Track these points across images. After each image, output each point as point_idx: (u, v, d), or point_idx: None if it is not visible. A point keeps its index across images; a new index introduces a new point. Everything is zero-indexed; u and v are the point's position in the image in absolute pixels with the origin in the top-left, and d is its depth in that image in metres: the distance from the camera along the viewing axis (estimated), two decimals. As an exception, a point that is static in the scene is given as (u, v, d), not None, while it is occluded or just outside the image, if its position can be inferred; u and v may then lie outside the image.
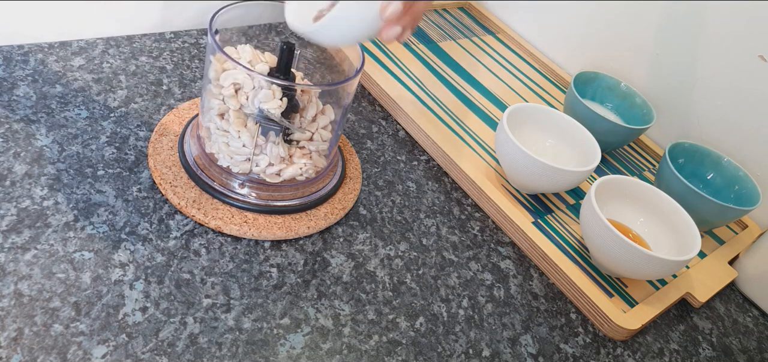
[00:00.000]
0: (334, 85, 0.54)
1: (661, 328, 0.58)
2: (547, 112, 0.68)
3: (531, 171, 0.60)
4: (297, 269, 0.50)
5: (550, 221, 0.63)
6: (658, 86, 0.81)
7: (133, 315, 0.42)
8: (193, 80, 0.64)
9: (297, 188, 0.53)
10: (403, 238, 0.56)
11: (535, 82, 0.88)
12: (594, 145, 0.64)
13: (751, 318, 0.63)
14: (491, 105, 0.79)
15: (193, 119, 0.57)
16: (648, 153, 0.81)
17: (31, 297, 0.41)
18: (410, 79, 0.77)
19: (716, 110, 0.76)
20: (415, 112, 0.69)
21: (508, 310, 0.53)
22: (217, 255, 0.48)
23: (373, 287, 0.51)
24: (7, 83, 0.55)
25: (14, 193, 0.47)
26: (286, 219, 0.52)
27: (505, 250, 0.59)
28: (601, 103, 0.79)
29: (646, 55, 0.82)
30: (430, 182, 0.64)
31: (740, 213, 0.63)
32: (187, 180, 0.52)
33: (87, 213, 0.47)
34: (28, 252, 0.43)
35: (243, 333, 0.44)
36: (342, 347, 0.45)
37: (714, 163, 0.70)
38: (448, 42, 0.89)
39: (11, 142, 0.50)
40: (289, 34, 0.77)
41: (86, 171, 0.51)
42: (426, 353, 0.47)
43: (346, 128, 0.66)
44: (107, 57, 0.63)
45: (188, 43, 0.69)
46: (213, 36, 0.48)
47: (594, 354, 0.52)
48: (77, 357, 0.39)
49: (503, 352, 0.50)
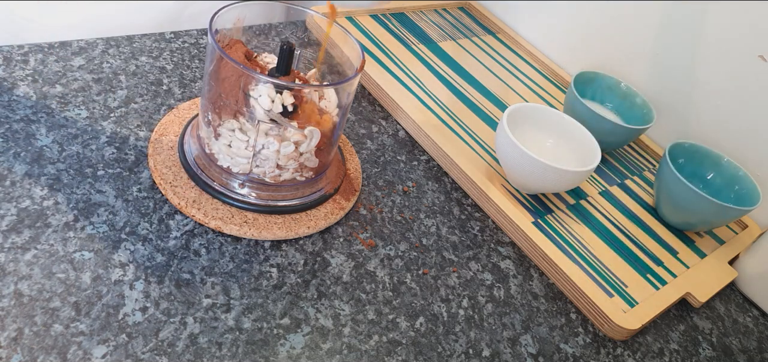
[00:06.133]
0: (334, 85, 0.54)
1: (661, 328, 0.58)
2: (547, 112, 0.68)
3: (531, 171, 0.60)
4: (297, 269, 0.50)
5: (550, 221, 0.63)
6: (658, 86, 0.81)
7: (133, 315, 0.42)
8: (193, 80, 0.64)
9: (297, 188, 0.53)
10: (403, 238, 0.56)
11: (535, 82, 0.88)
12: (594, 145, 0.64)
13: (751, 318, 0.63)
14: (491, 105, 0.79)
15: (193, 119, 0.57)
16: (648, 153, 0.81)
17: (31, 297, 0.41)
18: (410, 79, 0.77)
19: (716, 110, 0.76)
20: (415, 112, 0.69)
21: (508, 310, 0.53)
22: (217, 255, 0.48)
23: (373, 287, 0.51)
24: (7, 83, 0.55)
25: (14, 193, 0.47)
26: (286, 219, 0.52)
27: (505, 250, 0.59)
28: (601, 103, 0.79)
29: (646, 55, 0.82)
30: (430, 182, 0.64)
31: (740, 213, 0.63)
32: (187, 180, 0.52)
33: (87, 213, 0.47)
34: (28, 252, 0.43)
35: (243, 333, 0.44)
36: (342, 347, 0.45)
37: (714, 163, 0.70)
38: (448, 42, 0.89)
39: (11, 142, 0.50)
40: (289, 34, 0.77)
41: (86, 171, 0.51)
42: (426, 353, 0.47)
43: (346, 128, 0.66)
44: (107, 57, 0.63)
45: (188, 43, 0.69)
46: (213, 36, 0.48)
47: (594, 354, 0.52)
48: (77, 357, 0.39)
49: (503, 352, 0.50)
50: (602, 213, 0.67)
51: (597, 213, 0.67)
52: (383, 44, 0.82)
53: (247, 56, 0.53)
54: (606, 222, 0.66)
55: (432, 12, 0.96)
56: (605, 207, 0.68)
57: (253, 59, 0.54)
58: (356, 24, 0.85)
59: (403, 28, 0.88)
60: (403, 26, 0.89)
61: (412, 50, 0.84)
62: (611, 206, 0.69)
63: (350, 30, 0.82)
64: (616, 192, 0.71)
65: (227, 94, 0.49)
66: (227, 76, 0.49)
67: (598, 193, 0.70)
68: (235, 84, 0.49)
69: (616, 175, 0.74)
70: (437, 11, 0.97)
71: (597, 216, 0.66)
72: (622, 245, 0.64)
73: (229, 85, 0.49)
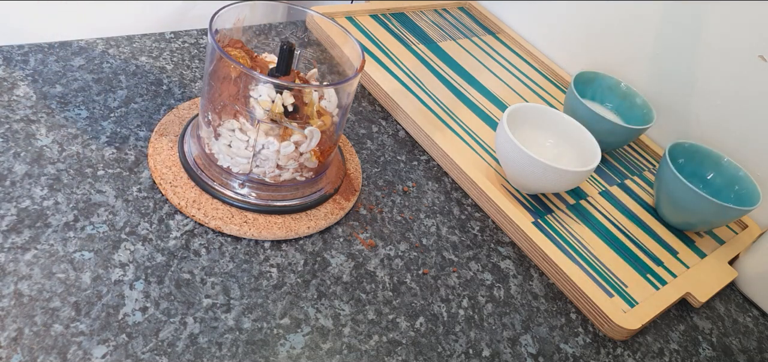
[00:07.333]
0: (334, 85, 0.54)
1: (661, 328, 0.58)
2: (547, 112, 0.68)
3: (531, 171, 0.60)
4: (297, 269, 0.50)
5: (550, 221, 0.63)
6: (658, 86, 0.81)
7: (133, 315, 0.42)
8: (193, 80, 0.64)
9: (297, 188, 0.53)
10: (403, 238, 0.56)
11: (535, 82, 0.88)
12: (594, 145, 0.64)
13: (751, 318, 0.63)
14: (491, 105, 0.79)
15: (193, 119, 0.57)
16: (648, 153, 0.81)
17: (31, 297, 0.41)
18: (410, 79, 0.77)
19: (716, 110, 0.76)
20: (415, 112, 0.69)
21: (508, 310, 0.53)
22: (217, 255, 0.48)
23: (373, 287, 0.51)
24: (7, 83, 0.55)
25: (14, 193, 0.47)
26: (286, 219, 0.52)
27: (505, 250, 0.59)
28: (601, 103, 0.79)
29: (646, 56, 0.82)
30: (430, 182, 0.64)
31: (740, 213, 0.63)
32: (187, 180, 0.52)
33: (87, 213, 0.47)
34: (28, 252, 0.43)
35: (243, 333, 0.44)
36: (342, 347, 0.45)
37: (714, 163, 0.70)
38: (448, 42, 0.89)
39: (11, 142, 0.50)
40: (289, 34, 0.77)
41: (86, 171, 0.51)
42: (426, 353, 0.47)
43: (346, 128, 0.66)
44: (107, 57, 0.63)
45: (188, 43, 0.69)
46: (213, 36, 0.48)
47: (594, 354, 0.52)
48: (77, 357, 0.39)
49: (503, 352, 0.50)
50: (602, 213, 0.67)
51: (597, 214, 0.67)
52: (383, 44, 0.82)
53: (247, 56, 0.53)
54: (606, 222, 0.66)
55: (432, 12, 0.96)
56: (605, 207, 0.68)
57: (254, 59, 0.54)
58: (356, 24, 0.85)
59: (403, 28, 0.88)
60: (403, 26, 0.89)
61: (412, 50, 0.84)
62: (611, 206, 0.69)
63: (350, 30, 0.82)
64: (616, 192, 0.71)
65: (227, 94, 0.49)
66: (227, 75, 0.49)
67: (598, 193, 0.70)
68: (235, 84, 0.49)
69: (616, 175, 0.74)
70: (437, 11, 0.97)
71: (597, 216, 0.66)
72: (622, 245, 0.64)
73: (229, 85, 0.49)
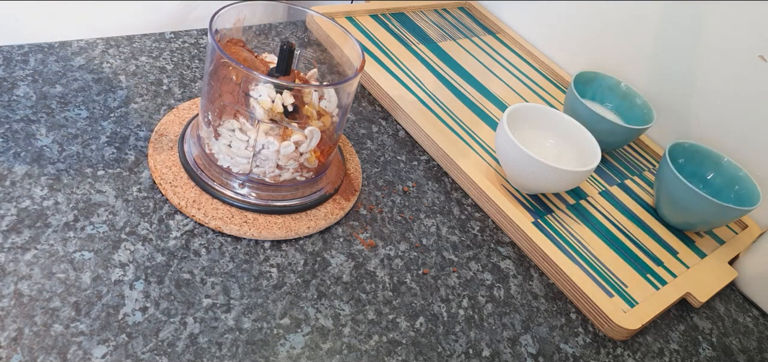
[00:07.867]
0: (334, 85, 0.54)
1: (661, 328, 0.58)
2: (547, 112, 0.68)
3: (531, 171, 0.60)
4: (297, 269, 0.50)
5: (550, 221, 0.63)
6: (658, 86, 0.81)
7: (133, 315, 0.42)
8: (193, 80, 0.64)
9: (297, 188, 0.53)
10: (403, 238, 0.56)
11: (535, 82, 0.88)
12: (594, 145, 0.64)
13: (751, 318, 0.63)
14: (491, 105, 0.79)
15: (193, 119, 0.57)
16: (648, 153, 0.81)
17: (31, 297, 0.41)
18: (410, 79, 0.77)
19: (716, 110, 0.76)
20: (415, 112, 0.69)
21: (508, 310, 0.53)
22: (217, 255, 0.48)
23: (373, 287, 0.51)
24: (7, 83, 0.55)
25: (14, 193, 0.47)
26: (286, 219, 0.52)
27: (505, 250, 0.59)
28: (601, 103, 0.79)
29: (646, 56, 0.82)
30: (430, 182, 0.64)
31: (740, 213, 0.63)
32: (187, 180, 0.52)
33: (87, 213, 0.47)
34: (28, 252, 0.43)
35: (243, 333, 0.44)
36: (342, 347, 0.45)
37: (714, 163, 0.70)
38: (448, 42, 0.89)
39: (11, 142, 0.50)
40: (289, 34, 0.77)
41: (86, 171, 0.51)
42: (426, 353, 0.47)
43: (346, 128, 0.66)
44: (107, 57, 0.63)
45: (188, 43, 0.69)
46: (213, 36, 0.48)
47: (594, 354, 0.52)
48: (77, 357, 0.39)
49: (503, 352, 0.50)
50: (602, 213, 0.67)
51: (597, 214, 0.67)
52: (383, 44, 0.82)
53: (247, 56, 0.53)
54: (606, 222, 0.66)
55: (432, 12, 0.96)
56: (605, 207, 0.68)
57: (254, 59, 0.54)
58: (356, 24, 0.85)
59: (403, 28, 0.88)
60: (403, 26, 0.89)
61: (412, 50, 0.84)
62: (611, 206, 0.69)
63: (350, 30, 0.82)
64: (616, 192, 0.71)
65: (227, 94, 0.49)
66: (227, 75, 0.49)
67: (598, 193, 0.70)
68: (235, 84, 0.49)
69: (616, 175, 0.74)
70: (437, 11, 0.97)
71: (597, 216, 0.66)
72: (622, 245, 0.64)
73: (229, 85, 0.49)
